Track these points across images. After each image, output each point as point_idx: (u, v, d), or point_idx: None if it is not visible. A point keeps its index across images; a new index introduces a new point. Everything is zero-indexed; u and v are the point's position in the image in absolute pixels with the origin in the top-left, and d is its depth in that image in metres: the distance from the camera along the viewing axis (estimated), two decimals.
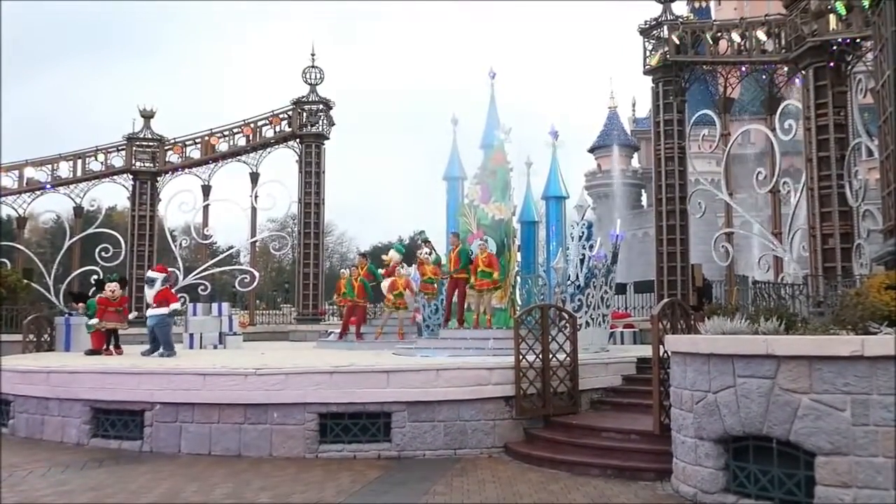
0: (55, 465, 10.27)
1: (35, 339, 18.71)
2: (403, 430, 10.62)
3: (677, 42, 20.13)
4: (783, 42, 18.38)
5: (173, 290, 15.86)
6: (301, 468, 9.86)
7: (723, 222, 21.51)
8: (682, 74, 20.65)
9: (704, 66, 20.90)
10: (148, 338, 14.90)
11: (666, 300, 10.58)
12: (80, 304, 17.18)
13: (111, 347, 15.76)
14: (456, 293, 14.31)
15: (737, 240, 20.19)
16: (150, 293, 14.66)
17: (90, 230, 26.81)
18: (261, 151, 26.92)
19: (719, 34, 19.87)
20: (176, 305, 15.12)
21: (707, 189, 20.65)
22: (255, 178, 26.84)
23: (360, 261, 18.62)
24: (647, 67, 20.99)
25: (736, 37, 19.38)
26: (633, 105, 61.23)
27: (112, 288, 15.52)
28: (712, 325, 8.43)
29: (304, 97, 26.84)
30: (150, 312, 14.72)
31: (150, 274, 15.36)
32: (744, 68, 20.62)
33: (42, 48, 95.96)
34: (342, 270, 19.42)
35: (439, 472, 9.52)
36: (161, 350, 14.29)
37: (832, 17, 16.48)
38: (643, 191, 58.91)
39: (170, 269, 18.25)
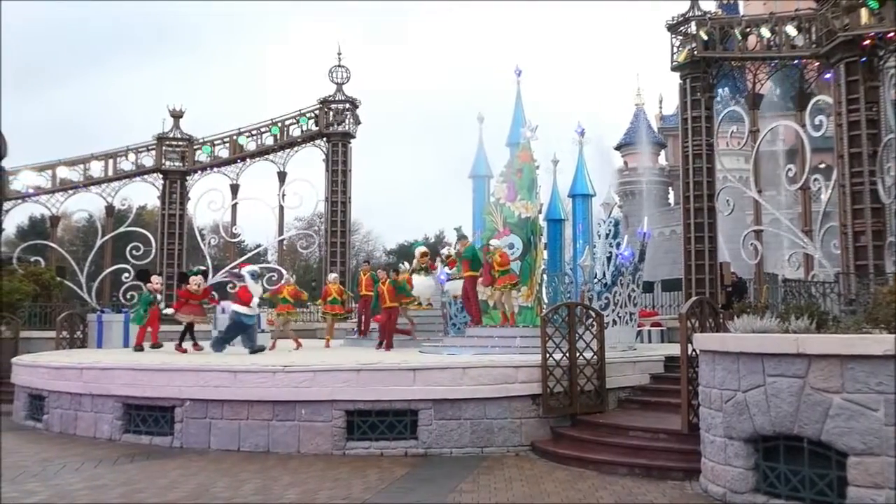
0: (88, 459, 10.45)
1: (68, 336, 19.04)
2: (430, 428, 10.65)
3: (705, 38, 19.93)
4: (814, 37, 18.14)
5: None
6: (328, 465, 9.94)
7: (751, 220, 21.29)
8: (710, 71, 20.44)
9: (733, 62, 20.68)
10: (228, 334, 14.69)
11: (694, 298, 10.48)
12: (150, 284, 16.65)
13: (183, 344, 15.47)
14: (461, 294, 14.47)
15: (765, 237, 19.96)
16: (259, 288, 14.48)
17: (121, 229, 27.17)
18: (288, 150, 27.12)
19: (748, 29, 19.64)
20: (256, 300, 14.61)
21: (735, 186, 20.46)
22: (282, 176, 27.06)
23: (365, 267, 18.52)
24: (674, 64, 20.80)
25: (765, 32, 19.15)
26: (661, 102, 60.80)
27: (197, 281, 15.30)
28: (741, 323, 8.35)
29: (330, 96, 26.98)
30: (245, 310, 14.32)
31: (252, 267, 14.96)
32: (773, 64, 20.37)
33: (74, 51, 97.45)
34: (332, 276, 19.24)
35: (466, 470, 9.54)
36: (247, 345, 14.16)
37: (864, 11, 16.23)
38: (670, 188, 58.44)
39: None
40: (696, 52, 20.08)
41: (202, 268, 17.02)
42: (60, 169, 25.92)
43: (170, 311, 15.62)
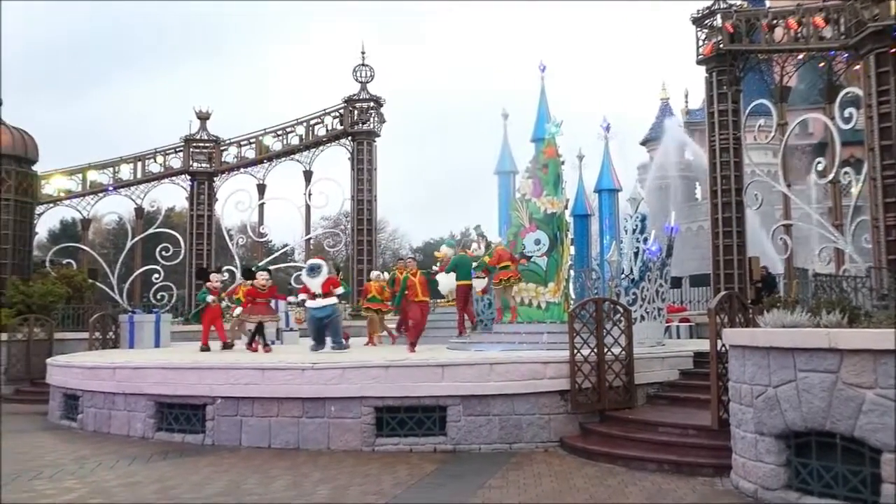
0: (122, 457, 10.62)
1: (101, 337, 19.34)
2: (458, 424, 10.69)
3: (731, 31, 19.75)
4: (842, 28, 17.89)
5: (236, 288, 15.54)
6: (358, 461, 10.01)
7: (780, 214, 21.06)
8: (736, 64, 20.25)
9: (759, 55, 20.46)
10: (312, 332, 14.18)
11: (723, 293, 10.41)
12: (210, 283, 16.46)
13: (257, 344, 14.90)
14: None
15: (795, 232, 19.74)
16: (314, 283, 13.71)
17: (151, 230, 27.54)
18: (314, 150, 27.32)
19: (775, 21, 19.42)
20: (340, 290, 14.04)
21: (764, 180, 20.25)
22: (308, 176, 27.26)
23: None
24: (700, 57, 20.64)
25: (792, 24, 18.92)
26: (686, 96, 60.12)
27: (265, 277, 14.83)
28: (772, 318, 8.28)
29: (355, 95, 27.13)
30: (317, 303, 13.74)
31: (314, 262, 14.20)
32: (801, 56, 20.12)
33: (102, 56, 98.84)
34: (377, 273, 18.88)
35: (495, 466, 9.57)
36: (333, 343, 13.60)
37: (894, 2, 15.97)
38: (697, 183, 57.90)
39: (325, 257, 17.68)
40: (721, 46, 19.91)
41: (263, 264, 16.80)
42: (90, 172, 26.32)
43: (238, 311, 15.33)
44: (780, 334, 7.63)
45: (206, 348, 15.83)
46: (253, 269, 15.65)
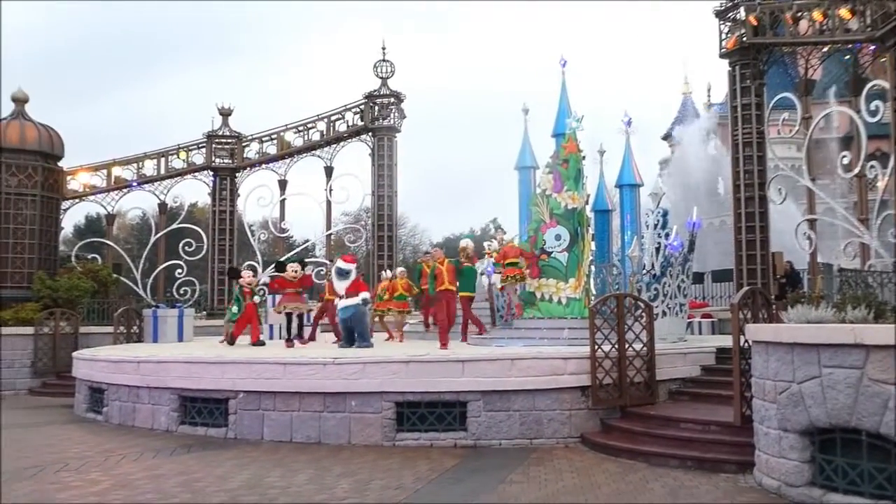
0: (147, 450, 10.75)
1: (125, 331, 19.57)
2: (479, 420, 10.70)
3: (755, 23, 19.51)
4: (868, 20, 17.62)
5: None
6: (379, 456, 10.06)
7: (804, 209, 20.81)
8: (759, 57, 20.01)
9: (784, 48, 20.21)
10: (342, 330, 14.28)
11: (746, 288, 10.32)
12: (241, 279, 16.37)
13: (293, 338, 14.82)
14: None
15: (820, 227, 19.49)
16: (341, 285, 13.71)
17: (174, 226, 27.75)
18: (334, 145, 27.36)
19: (799, 14, 19.17)
20: (366, 294, 13.90)
21: (788, 175, 20.01)
22: (329, 171, 27.32)
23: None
24: (723, 51, 20.41)
25: (817, 16, 18.67)
26: (709, 90, 59.55)
27: (294, 268, 14.90)
28: (796, 313, 8.21)
29: (375, 91, 27.14)
30: (341, 304, 13.78)
31: (340, 264, 14.00)
32: (826, 49, 19.85)
33: (127, 55, 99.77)
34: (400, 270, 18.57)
35: (516, 462, 9.58)
36: (358, 342, 13.57)
37: None
38: (720, 178, 57.41)
39: (357, 258, 17.63)
40: (745, 39, 19.68)
41: (299, 256, 16.78)
42: (115, 168, 26.54)
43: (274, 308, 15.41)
44: (804, 330, 7.57)
45: (231, 341, 15.92)
46: (282, 260, 15.78)
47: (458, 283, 14.06)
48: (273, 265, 15.56)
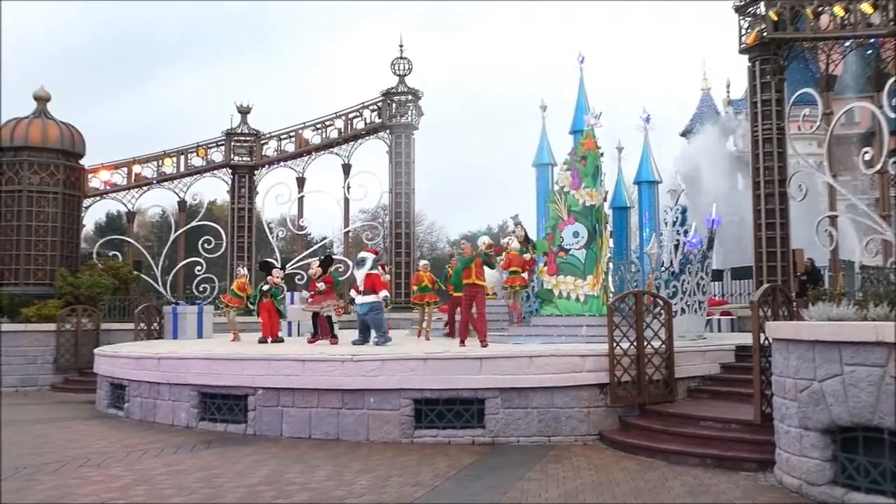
0: (167, 446, 10.86)
1: (145, 328, 19.75)
2: (497, 417, 10.70)
3: (775, 18, 19.31)
4: (891, 14, 17.39)
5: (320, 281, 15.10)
6: (397, 452, 10.09)
7: (825, 206, 20.61)
8: (780, 52, 19.81)
9: (804, 43, 20.00)
10: (358, 326, 14.09)
11: (766, 286, 10.24)
12: (270, 277, 16.55)
13: (322, 335, 15.03)
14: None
15: (841, 224, 19.31)
16: (358, 274, 13.59)
17: (193, 223, 27.90)
18: (352, 143, 27.43)
19: (820, 8, 18.96)
20: (385, 293, 13.79)
21: (809, 171, 19.82)
22: (347, 169, 27.40)
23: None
24: (742, 46, 20.24)
25: (839, 10, 18.46)
26: (728, 86, 59.10)
27: (314, 266, 15.11)
28: (817, 311, 8.14)
29: (393, 88, 27.17)
30: (359, 300, 13.60)
31: (361, 254, 13.94)
32: (847, 43, 19.63)
33: (147, 53, 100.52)
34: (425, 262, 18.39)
35: (534, 459, 9.57)
36: (375, 338, 13.39)
37: None
38: (739, 175, 56.98)
39: (379, 251, 17.40)
40: (765, 34, 19.50)
41: (325, 255, 16.79)
42: (135, 166, 26.76)
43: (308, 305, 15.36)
44: (825, 327, 7.50)
45: (264, 340, 16.09)
46: (325, 258, 15.95)
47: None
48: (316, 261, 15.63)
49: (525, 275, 15.15)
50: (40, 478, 8.78)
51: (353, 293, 14.09)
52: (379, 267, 14.06)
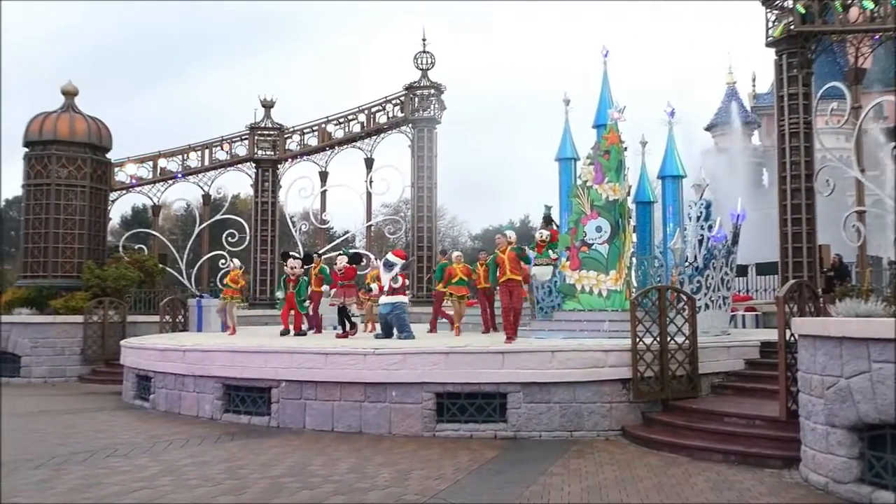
0: (192, 437, 10.98)
1: (171, 320, 19.96)
2: (519, 411, 10.70)
3: (803, 11, 19.06)
4: None
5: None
6: (419, 446, 10.12)
7: (852, 201, 20.34)
8: (807, 45, 19.56)
9: (833, 36, 19.72)
10: (380, 324, 14.22)
11: (792, 281, 10.14)
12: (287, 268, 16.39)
13: (349, 331, 15.14)
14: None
15: (869, 219, 19.03)
16: (385, 277, 13.71)
17: (217, 217, 28.13)
18: (375, 137, 27.49)
19: (850, 1, 18.69)
20: (403, 299, 13.81)
21: (836, 166, 19.56)
22: (369, 163, 27.47)
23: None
24: (769, 39, 20.00)
25: (868, 3, 18.18)
26: (754, 80, 58.47)
27: (341, 261, 15.24)
28: (844, 307, 8.05)
29: (415, 82, 27.16)
30: (383, 299, 13.81)
31: (389, 257, 14.00)
32: (877, 37, 19.33)
33: (174, 49, 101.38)
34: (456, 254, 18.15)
35: (556, 454, 9.56)
36: (398, 337, 13.37)
37: None
38: (764, 169, 56.39)
39: (408, 258, 17.17)
40: (792, 27, 19.26)
41: (350, 251, 16.85)
42: (161, 160, 27.00)
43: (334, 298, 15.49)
44: (853, 324, 7.41)
45: (286, 331, 16.02)
46: (352, 253, 16.14)
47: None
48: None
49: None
50: (69, 467, 8.93)
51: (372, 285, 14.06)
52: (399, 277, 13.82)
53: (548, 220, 16.21)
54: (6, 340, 21.32)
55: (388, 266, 13.72)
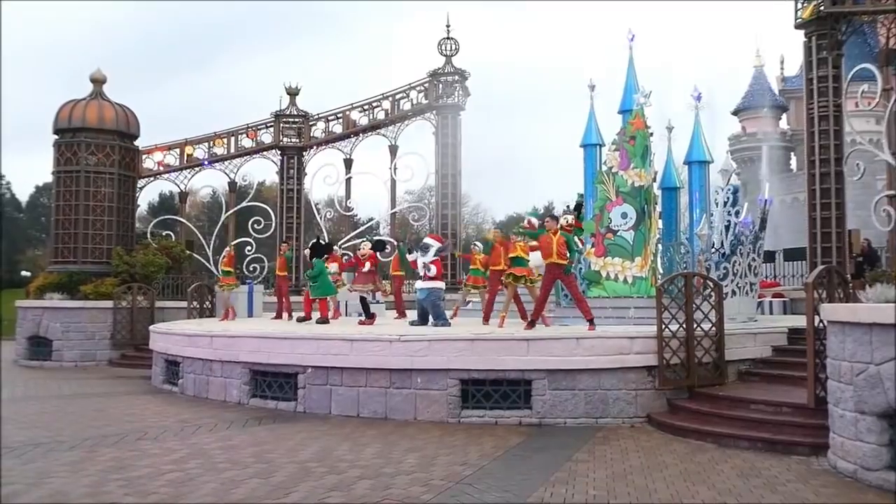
0: (220, 421, 11.13)
1: (198, 306, 20.20)
2: (544, 398, 10.71)
3: None
4: None
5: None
6: (444, 432, 10.17)
7: (883, 185, 20.01)
8: (837, 27, 19.19)
9: (863, 17, 19.33)
10: (417, 311, 13.99)
11: (821, 267, 10.01)
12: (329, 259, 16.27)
13: (366, 319, 14.89)
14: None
15: None
16: (420, 260, 13.34)
17: (243, 204, 28.34)
18: (399, 124, 27.43)
19: None
20: (439, 284, 13.57)
21: (866, 149, 19.24)
22: (393, 150, 27.45)
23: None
24: (798, 21, 19.66)
25: None
26: (782, 63, 57.61)
27: (364, 247, 15.26)
28: (875, 293, 7.96)
29: (439, 69, 27.06)
30: (419, 284, 13.55)
31: (427, 240, 13.66)
32: None
33: (202, 38, 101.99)
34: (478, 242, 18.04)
35: (581, 440, 9.56)
36: (433, 323, 13.16)
37: None
38: (792, 154, 55.63)
39: (445, 241, 16.85)
40: (822, 8, 18.91)
41: (374, 239, 16.93)
42: (187, 148, 27.22)
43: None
44: (883, 310, 7.31)
45: (324, 320, 15.77)
46: (376, 240, 16.28)
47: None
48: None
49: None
50: (101, 449, 9.10)
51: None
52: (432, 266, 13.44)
53: (578, 208, 16.13)
54: (39, 325, 21.74)
55: (424, 249, 13.52)
